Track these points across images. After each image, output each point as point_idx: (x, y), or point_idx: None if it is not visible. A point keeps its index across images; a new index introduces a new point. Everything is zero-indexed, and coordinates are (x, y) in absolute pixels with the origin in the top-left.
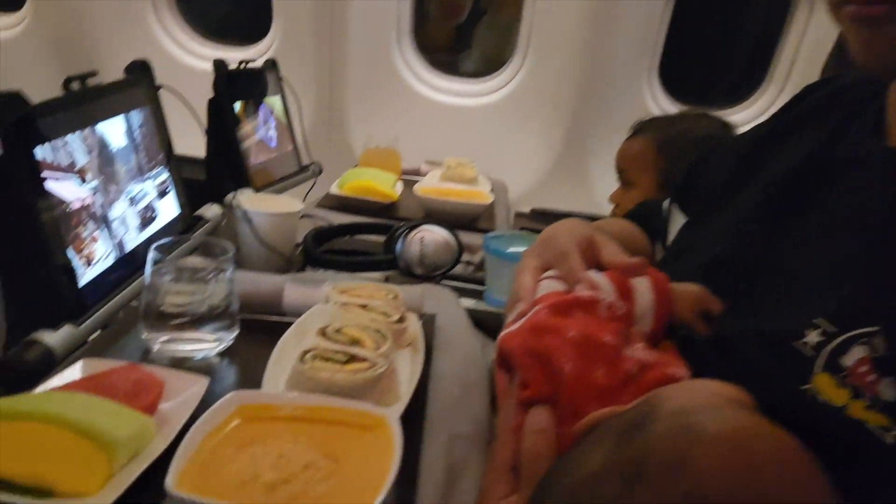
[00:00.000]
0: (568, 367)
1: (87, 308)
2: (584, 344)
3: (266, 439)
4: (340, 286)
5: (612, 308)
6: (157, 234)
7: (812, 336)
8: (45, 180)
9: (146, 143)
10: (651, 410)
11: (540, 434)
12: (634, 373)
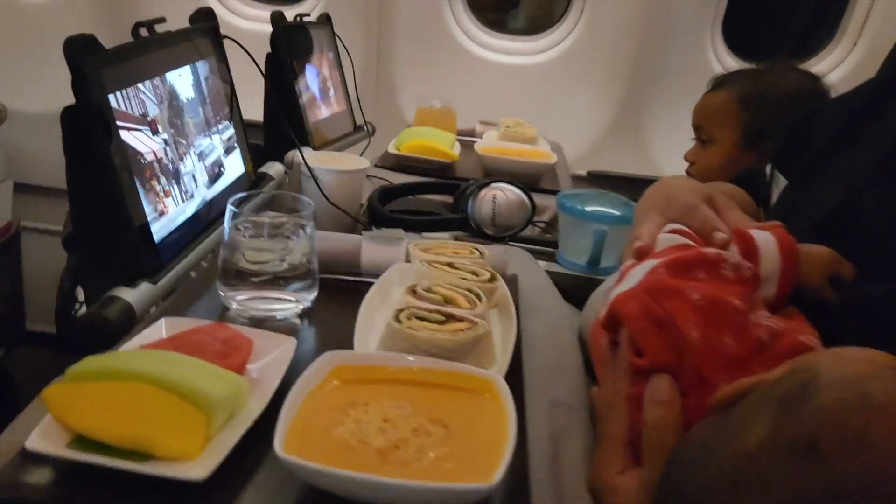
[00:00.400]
0: (694, 333)
1: (163, 265)
2: (711, 308)
3: (368, 402)
4: (422, 244)
5: (739, 269)
6: (226, 192)
7: None
8: (120, 129)
9: (213, 96)
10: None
11: (663, 405)
12: (766, 340)
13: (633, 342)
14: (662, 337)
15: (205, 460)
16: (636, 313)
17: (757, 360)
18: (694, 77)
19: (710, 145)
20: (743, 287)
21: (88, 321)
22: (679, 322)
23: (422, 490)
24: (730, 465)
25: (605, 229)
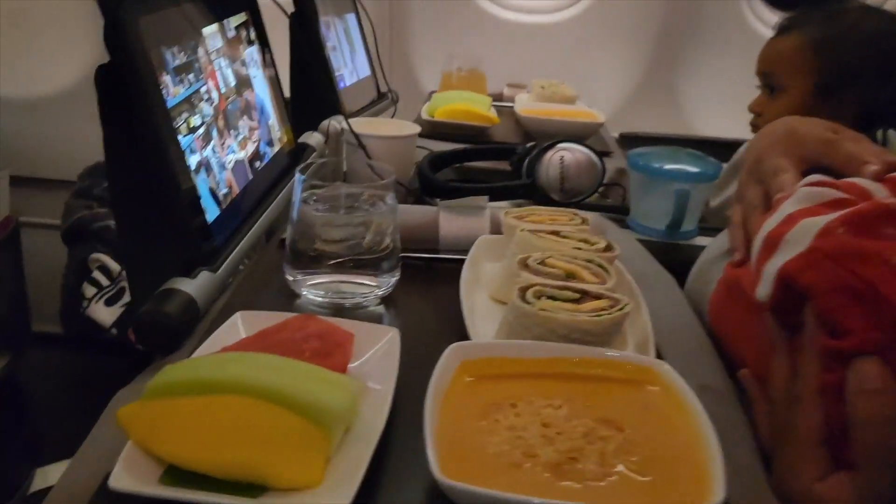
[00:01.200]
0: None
1: (219, 250)
2: None
3: (514, 403)
4: (514, 212)
5: None
6: (270, 166)
7: None
8: (165, 91)
9: (248, 55)
10: None
11: (879, 395)
12: None
13: (827, 320)
14: (866, 312)
15: (334, 487)
16: (826, 286)
17: None
18: (727, 30)
19: (779, 94)
20: None
21: (148, 320)
22: (888, 292)
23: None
24: None
25: (687, 189)
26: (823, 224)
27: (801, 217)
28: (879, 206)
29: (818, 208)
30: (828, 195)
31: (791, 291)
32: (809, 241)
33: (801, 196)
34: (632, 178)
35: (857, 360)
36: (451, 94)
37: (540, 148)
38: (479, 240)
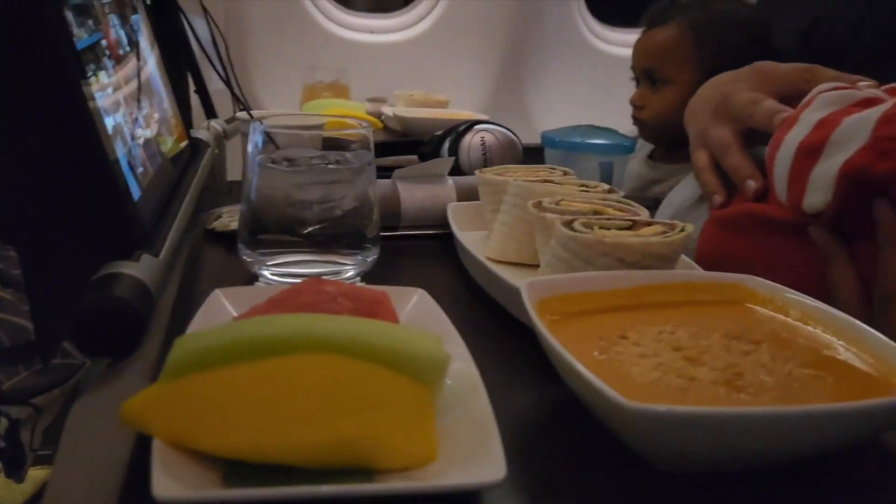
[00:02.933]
0: None
1: (153, 234)
2: None
3: (623, 335)
4: (488, 171)
5: None
6: (174, 155)
7: None
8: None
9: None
10: None
11: None
12: None
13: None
14: None
15: (467, 459)
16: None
17: None
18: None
19: (662, 86)
20: None
21: (98, 310)
22: None
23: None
24: None
25: (611, 161)
26: (881, 114)
27: (837, 119)
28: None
29: (851, 108)
30: (853, 97)
31: (856, 191)
32: (868, 134)
33: (826, 101)
34: (549, 157)
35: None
36: (324, 102)
37: (457, 132)
38: (451, 207)
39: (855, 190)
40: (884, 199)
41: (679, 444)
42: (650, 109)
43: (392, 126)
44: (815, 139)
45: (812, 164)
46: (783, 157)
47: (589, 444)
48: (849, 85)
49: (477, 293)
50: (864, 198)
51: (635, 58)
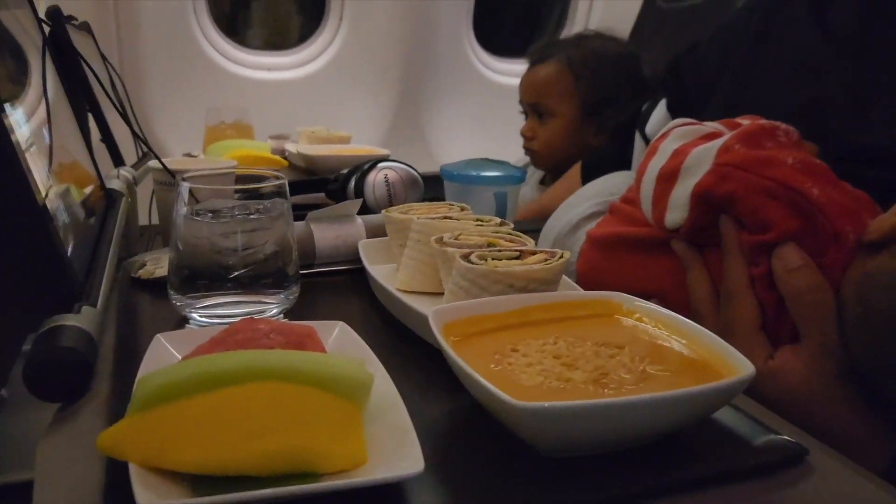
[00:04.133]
0: (815, 191)
1: (86, 283)
2: (808, 168)
3: (514, 348)
4: (396, 209)
5: (788, 133)
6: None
7: None
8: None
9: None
10: None
11: (804, 269)
12: (851, 189)
13: (750, 221)
14: (782, 206)
15: (391, 459)
16: (743, 191)
17: (861, 208)
18: (458, 73)
19: (548, 119)
20: (801, 148)
21: (47, 359)
22: (797, 185)
23: (692, 396)
24: None
25: (505, 191)
26: (721, 145)
27: (689, 148)
28: (759, 125)
29: (698, 140)
30: (701, 131)
31: (707, 207)
32: (712, 161)
33: (679, 134)
34: (448, 189)
35: (779, 247)
36: (228, 143)
37: (361, 171)
38: (361, 243)
39: (704, 208)
40: (727, 215)
41: (556, 433)
42: (539, 140)
43: (296, 163)
44: (671, 166)
45: (670, 187)
46: (647, 181)
47: (490, 440)
48: (697, 122)
49: (390, 321)
50: (712, 214)
51: (522, 93)
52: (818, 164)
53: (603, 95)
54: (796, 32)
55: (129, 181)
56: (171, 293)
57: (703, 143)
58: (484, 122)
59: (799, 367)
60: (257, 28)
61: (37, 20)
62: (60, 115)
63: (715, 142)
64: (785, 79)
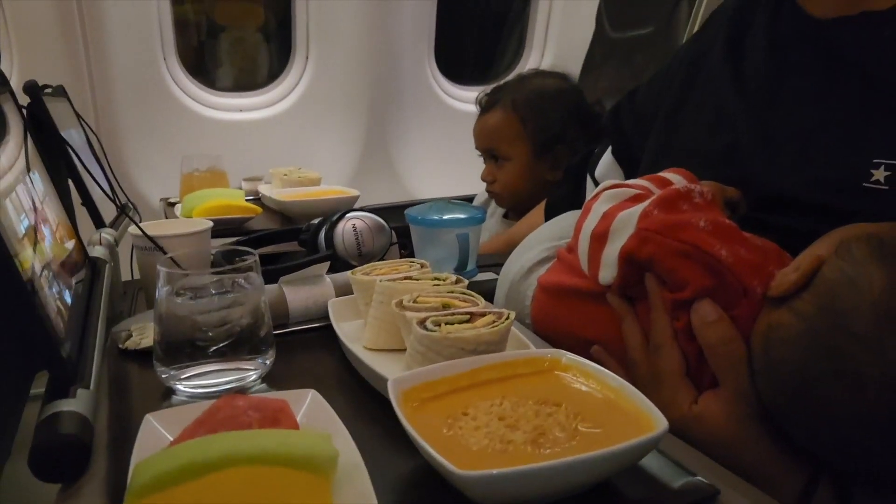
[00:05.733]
0: (723, 252)
1: (79, 362)
2: (718, 230)
3: (465, 412)
4: (361, 269)
5: (703, 195)
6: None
7: (879, 174)
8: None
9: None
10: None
11: (719, 323)
12: (760, 245)
13: (668, 280)
14: (696, 267)
15: None
16: (661, 253)
17: (768, 261)
18: (422, 100)
19: (504, 162)
20: (714, 208)
21: (49, 446)
22: (707, 247)
23: (611, 455)
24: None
25: (466, 232)
26: (641, 210)
27: (615, 212)
28: (674, 191)
29: (624, 203)
30: (627, 193)
31: (632, 267)
32: (634, 225)
33: (608, 196)
34: (413, 233)
35: (696, 303)
36: (203, 193)
37: (331, 221)
38: (331, 303)
39: (631, 268)
40: (651, 273)
41: (498, 494)
42: (499, 183)
43: (270, 205)
44: (601, 228)
45: (601, 247)
46: (583, 240)
47: (444, 497)
48: (624, 184)
49: (359, 377)
50: (639, 272)
51: (476, 140)
52: (728, 224)
53: (551, 133)
54: (715, 83)
55: (111, 244)
56: (156, 365)
57: (629, 206)
58: (451, 149)
59: (718, 411)
60: (226, 69)
61: (16, 105)
62: (42, 188)
63: (637, 207)
64: (706, 126)
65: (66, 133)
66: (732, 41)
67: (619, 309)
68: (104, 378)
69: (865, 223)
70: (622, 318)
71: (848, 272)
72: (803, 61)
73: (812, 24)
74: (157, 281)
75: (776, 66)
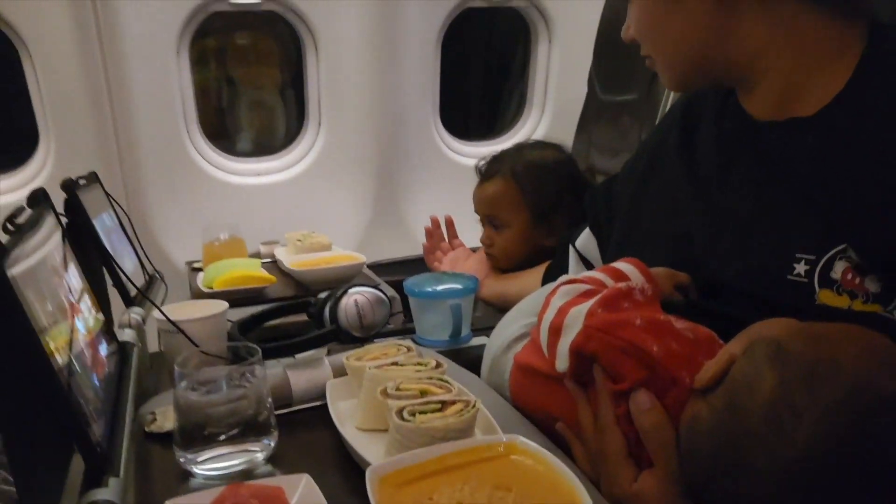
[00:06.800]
0: (655, 348)
1: (111, 452)
2: (652, 326)
3: (430, 497)
4: (354, 354)
5: (644, 291)
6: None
7: (800, 267)
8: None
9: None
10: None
11: (652, 411)
12: (692, 337)
13: (610, 372)
14: (632, 361)
15: None
16: (603, 349)
17: (698, 352)
18: (429, 157)
19: (503, 228)
20: (653, 304)
21: None
22: (641, 344)
23: None
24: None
25: (459, 302)
26: (587, 309)
27: (568, 308)
28: (615, 290)
29: (577, 299)
30: (579, 289)
31: (581, 359)
32: (582, 322)
33: (563, 292)
34: (411, 303)
35: (633, 393)
36: (223, 264)
37: (335, 297)
38: (328, 384)
39: (580, 359)
40: (598, 365)
41: None
42: (497, 247)
43: (284, 269)
44: (556, 322)
45: (557, 340)
46: (543, 331)
47: None
48: (578, 279)
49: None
50: (588, 363)
51: (476, 206)
52: (661, 320)
53: (549, 202)
54: (671, 172)
55: (139, 323)
56: (175, 450)
57: (581, 301)
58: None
59: (654, 490)
60: (246, 133)
61: (55, 214)
62: (77, 282)
63: (585, 304)
64: (663, 213)
65: (99, 217)
66: (686, 132)
67: (573, 393)
68: (131, 461)
69: (779, 320)
70: (577, 402)
71: (748, 373)
72: (744, 157)
73: (750, 123)
74: (175, 376)
75: (722, 159)
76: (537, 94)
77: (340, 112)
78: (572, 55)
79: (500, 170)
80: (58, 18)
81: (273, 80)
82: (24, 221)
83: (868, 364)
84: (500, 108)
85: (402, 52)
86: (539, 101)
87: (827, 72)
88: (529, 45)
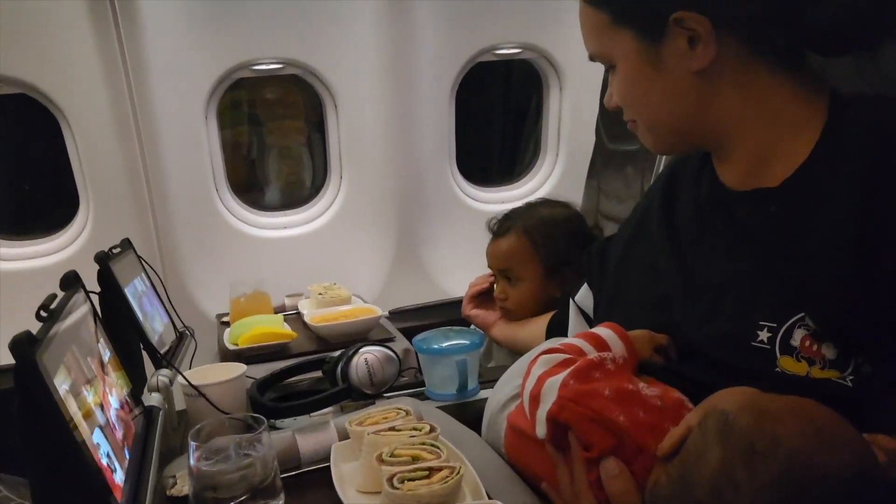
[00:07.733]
0: (621, 418)
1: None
2: (620, 396)
3: None
4: (356, 419)
5: (615, 361)
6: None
7: (763, 334)
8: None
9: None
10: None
11: (619, 478)
12: (660, 405)
13: (581, 440)
14: (601, 430)
15: None
16: (575, 419)
17: (665, 419)
18: (449, 208)
19: (516, 282)
20: (624, 372)
21: None
22: (608, 414)
23: None
24: (708, 484)
25: (465, 358)
26: (561, 380)
27: (546, 377)
28: (587, 362)
29: (554, 368)
30: (557, 358)
31: (557, 426)
32: (556, 392)
33: (543, 361)
34: (420, 359)
35: (603, 460)
36: (248, 321)
37: (347, 356)
38: (333, 447)
39: (556, 427)
40: (572, 432)
41: None
42: (511, 300)
43: (306, 322)
44: (535, 391)
45: (536, 407)
46: (525, 398)
47: None
48: (557, 349)
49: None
50: (563, 430)
51: (489, 261)
52: (630, 390)
53: (560, 256)
54: (653, 237)
55: (167, 385)
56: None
57: (558, 371)
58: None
59: None
60: (274, 186)
61: (86, 295)
62: (107, 353)
63: (560, 375)
64: (644, 277)
65: (132, 283)
66: (668, 199)
67: (552, 457)
68: None
69: (735, 390)
70: (556, 464)
71: (699, 446)
72: (717, 224)
73: (724, 192)
74: (188, 448)
75: (698, 225)
76: (551, 140)
77: (360, 165)
78: (583, 103)
79: (512, 226)
80: (95, 91)
81: (300, 131)
82: (56, 307)
83: (806, 441)
84: (517, 154)
85: (416, 106)
86: (553, 147)
87: (794, 141)
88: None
